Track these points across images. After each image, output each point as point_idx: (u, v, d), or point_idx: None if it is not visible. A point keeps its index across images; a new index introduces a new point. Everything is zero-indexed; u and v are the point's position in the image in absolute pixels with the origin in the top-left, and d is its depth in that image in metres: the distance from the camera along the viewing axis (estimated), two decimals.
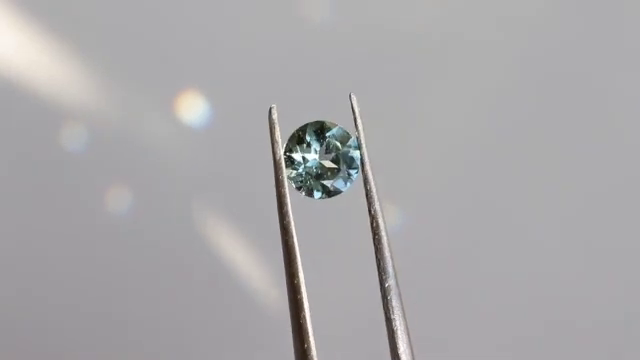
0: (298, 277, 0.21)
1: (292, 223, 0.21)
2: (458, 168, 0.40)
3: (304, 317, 0.20)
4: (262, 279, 0.38)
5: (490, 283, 0.40)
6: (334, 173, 0.23)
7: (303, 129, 0.23)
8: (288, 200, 0.21)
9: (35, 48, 0.40)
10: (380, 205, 0.22)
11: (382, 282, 0.22)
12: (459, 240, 0.40)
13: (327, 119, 0.23)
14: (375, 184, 0.22)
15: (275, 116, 0.22)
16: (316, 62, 0.39)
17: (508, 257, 0.40)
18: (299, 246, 0.21)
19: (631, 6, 0.41)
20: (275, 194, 0.22)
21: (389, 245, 0.22)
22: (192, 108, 0.39)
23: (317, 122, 0.23)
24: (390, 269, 0.22)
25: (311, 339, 0.20)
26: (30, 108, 0.39)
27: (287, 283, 0.21)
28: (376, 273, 0.22)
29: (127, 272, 0.40)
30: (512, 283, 0.41)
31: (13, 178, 0.40)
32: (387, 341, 0.21)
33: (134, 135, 0.40)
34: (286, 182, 0.22)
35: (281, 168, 0.22)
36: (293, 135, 0.23)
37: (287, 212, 0.21)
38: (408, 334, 0.21)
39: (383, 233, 0.22)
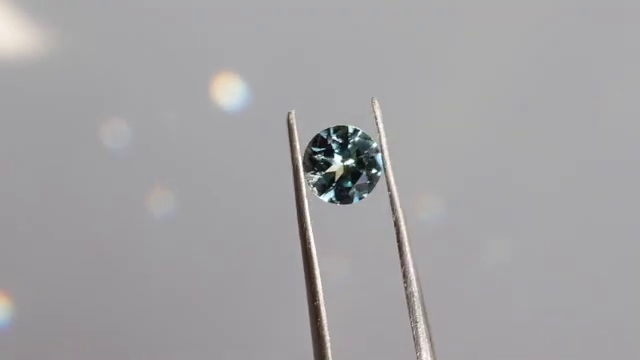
0: (316, 283, 0.20)
1: (310, 228, 0.21)
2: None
3: (321, 323, 0.20)
4: None
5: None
6: (355, 178, 0.22)
7: (326, 132, 0.22)
8: (306, 205, 0.21)
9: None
10: (402, 210, 0.22)
11: (405, 288, 0.21)
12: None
13: (349, 123, 0.23)
14: (397, 189, 0.22)
15: (294, 121, 0.22)
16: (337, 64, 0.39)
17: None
18: (318, 252, 0.21)
19: None
20: (294, 199, 0.21)
21: (412, 250, 0.21)
22: (212, 107, 0.39)
23: (339, 126, 0.23)
24: (413, 276, 0.21)
25: (328, 345, 0.20)
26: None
27: (307, 289, 0.21)
28: (398, 278, 0.21)
29: None
30: None
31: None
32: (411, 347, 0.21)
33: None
34: (304, 187, 0.22)
35: (300, 173, 0.22)
36: (315, 138, 0.22)
37: (306, 218, 0.21)
38: (430, 340, 0.21)
39: (405, 239, 0.22)
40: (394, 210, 0.22)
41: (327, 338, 0.20)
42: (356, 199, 0.22)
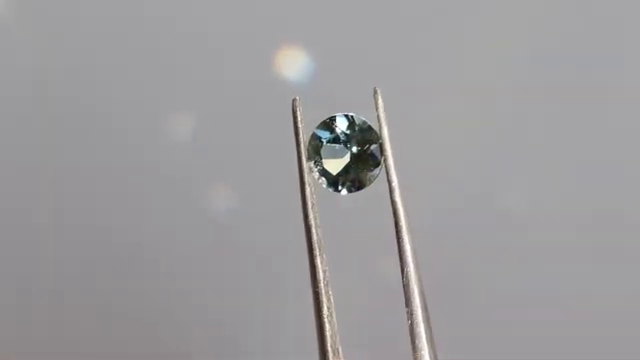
0: (322, 271, 0.21)
1: (316, 218, 0.21)
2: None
3: (327, 314, 0.20)
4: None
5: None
6: (357, 167, 0.22)
7: (330, 119, 0.22)
8: (310, 193, 0.21)
9: None
10: (403, 201, 0.22)
11: (403, 278, 0.21)
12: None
13: (351, 112, 0.23)
14: (398, 180, 0.22)
15: (298, 107, 0.22)
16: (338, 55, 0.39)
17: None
18: (324, 240, 0.21)
19: None
20: (299, 188, 0.21)
21: (411, 240, 0.22)
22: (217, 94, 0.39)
23: (343, 114, 0.23)
24: (411, 266, 0.22)
25: (328, 340, 0.20)
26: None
27: (311, 278, 0.21)
28: (397, 269, 0.21)
29: None
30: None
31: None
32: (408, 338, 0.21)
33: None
34: (307, 176, 0.22)
35: (303, 160, 0.22)
36: (320, 124, 0.22)
37: (311, 204, 0.21)
38: (430, 331, 0.21)
39: (405, 230, 0.22)
40: (393, 201, 0.22)
41: (328, 327, 0.20)
42: (357, 188, 0.22)
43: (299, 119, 0.22)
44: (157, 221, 0.40)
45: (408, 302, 0.21)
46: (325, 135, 0.22)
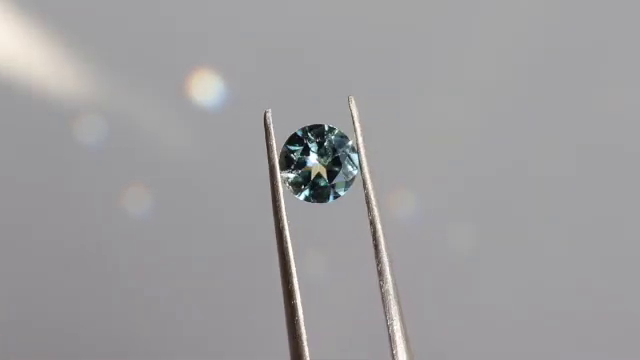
0: (292, 282, 0.21)
1: (287, 228, 0.21)
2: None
3: (297, 321, 0.20)
4: None
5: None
6: (332, 176, 0.22)
7: (302, 131, 0.22)
8: (283, 205, 0.21)
9: (37, 46, 0.40)
10: (379, 209, 0.22)
11: (380, 286, 0.21)
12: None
13: (326, 122, 0.23)
14: (374, 187, 0.22)
15: (270, 120, 0.22)
16: (315, 62, 0.39)
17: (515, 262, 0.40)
18: (295, 250, 0.21)
19: None
20: (270, 199, 0.21)
21: (388, 249, 0.22)
22: (190, 105, 0.39)
23: (316, 125, 0.23)
24: (388, 274, 0.21)
25: (305, 344, 0.20)
26: (36, 106, 0.40)
27: (283, 288, 0.21)
28: (375, 277, 0.21)
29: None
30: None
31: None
32: (387, 345, 0.21)
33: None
34: (281, 187, 0.22)
35: (276, 173, 0.22)
36: (291, 137, 0.22)
37: (282, 217, 0.21)
38: (407, 338, 0.21)
39: (381, 238, 0.22)
40: (370, 209, 0.22)
41: (304, 337, 0.20)
42: (332, 198, 0.22)
43: (271, 131, 0.22)
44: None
45: (386, 310, 0.21)
46: (296, 147, 0.22)
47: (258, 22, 0.40)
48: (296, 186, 0.22)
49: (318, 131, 0.22)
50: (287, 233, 0.21)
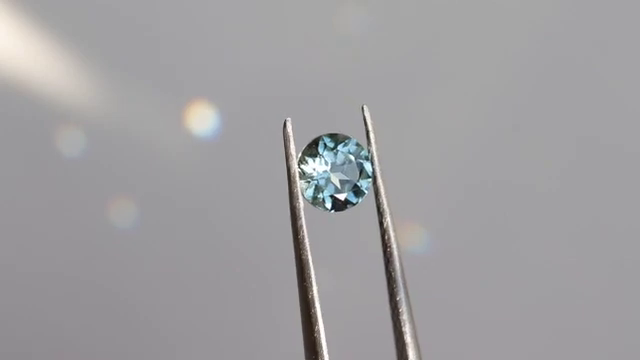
0: (312, 291, 0.21)
1: (306, 237, 0.21)
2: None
3: (318, 331, 0.21)
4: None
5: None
6: (346, 186, 0.23)
7: (316, 141, 0.23)
8: (302, 214, 0.22)
9: (35, 49, 0.40)
10: (392, 218, 0.22)
11: (392, 295, 0.22)
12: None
13: (340, 131, 0.23)
14: (387, 197, 0.22)
15: (290, 129, 0.22)
16: (330, 74, 0.39)
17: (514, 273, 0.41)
18: (312, 259, 0.21)
19: None
20: (289, 208, 0.22)
21: (400, 258, 0.22)
22: (202, 118, 0.39)
23: (330, 134, 0.23)
24: (400, 282, 0.22)
25: (325, 353, 0.20)
26: (31, 111, 0.39)
27: (300, 297, 0.21)
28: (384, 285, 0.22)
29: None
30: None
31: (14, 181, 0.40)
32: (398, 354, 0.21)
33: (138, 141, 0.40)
34: (300, 196, 0.22)
35: (295, 182, 0.22)
36: (306, 147, 0.23)
37: (301, 226, 0.22)
38: (418, 347, 0.21)
39: (394, 246, 0.22)
40: (383, 217, 0.22)
41: (324, 347, 0.20)
42: (345, 207, 0.23)
43: (290, 140, 0.22)
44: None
45: (397, 323, 0.22)
46: (311, 156, 0.22)
47: (268, 30, 0.40)
48: (311, 196, 0.23)
49: (332, 140, 0.23)
50: (307, 241, 0.21)
